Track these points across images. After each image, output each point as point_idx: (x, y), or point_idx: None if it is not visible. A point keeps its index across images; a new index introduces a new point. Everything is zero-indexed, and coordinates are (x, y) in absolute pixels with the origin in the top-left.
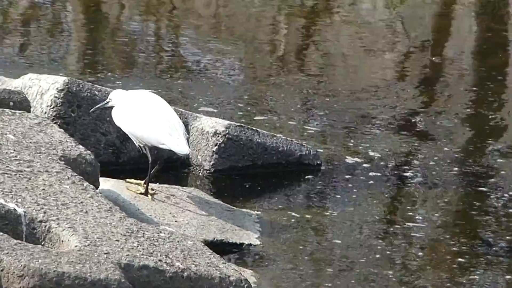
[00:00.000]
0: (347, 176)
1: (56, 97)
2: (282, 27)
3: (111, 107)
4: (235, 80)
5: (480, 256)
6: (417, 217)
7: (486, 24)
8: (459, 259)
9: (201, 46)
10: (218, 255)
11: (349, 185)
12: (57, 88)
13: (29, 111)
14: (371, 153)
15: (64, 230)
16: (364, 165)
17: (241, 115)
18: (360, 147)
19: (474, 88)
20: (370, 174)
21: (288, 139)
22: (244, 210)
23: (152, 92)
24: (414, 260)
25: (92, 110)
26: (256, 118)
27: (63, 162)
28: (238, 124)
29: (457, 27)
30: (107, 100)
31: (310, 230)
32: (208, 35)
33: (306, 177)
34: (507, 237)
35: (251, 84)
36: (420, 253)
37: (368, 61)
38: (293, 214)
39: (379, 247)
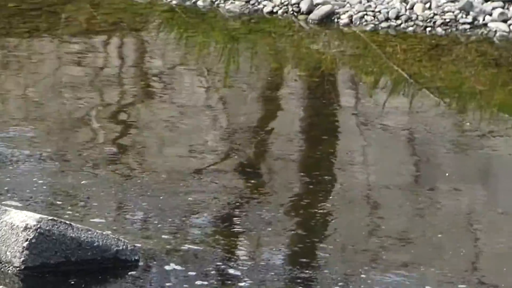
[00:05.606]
0: (166, 273)
1: None
2: None
3: None
4: (43, 168)
5: None
6: None
7: None
8: None
9: None
10: None
11: (173, 280)
12: None
13: None
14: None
15: None
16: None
17: (53, 208)
18: (181, 238)
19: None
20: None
21: (104, 233)
22: None
23: None
24: None
25: None
26: (69, 211)
27: None
28: (51, 217)
29: None
30: None
31: None
32: None
33: (123, 274)
34: None
35: (56, 172)
36: None
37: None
38: None
39: None
